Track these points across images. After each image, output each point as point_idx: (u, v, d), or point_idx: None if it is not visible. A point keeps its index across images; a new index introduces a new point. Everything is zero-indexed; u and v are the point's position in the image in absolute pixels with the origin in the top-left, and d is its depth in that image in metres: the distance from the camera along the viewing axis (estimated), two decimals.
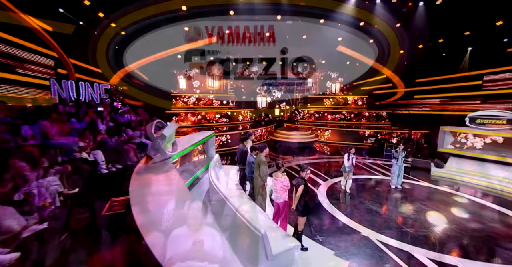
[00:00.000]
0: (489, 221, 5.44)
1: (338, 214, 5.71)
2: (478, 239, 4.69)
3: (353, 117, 17.59)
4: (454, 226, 5.21)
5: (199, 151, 7.84)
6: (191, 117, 14.72)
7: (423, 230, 5.02)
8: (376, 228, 5.07)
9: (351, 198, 6.73)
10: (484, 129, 8.84)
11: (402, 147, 7.31)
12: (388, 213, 5.82)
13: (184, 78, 17.69)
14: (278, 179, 4.30)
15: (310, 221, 5.31)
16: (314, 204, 6.21)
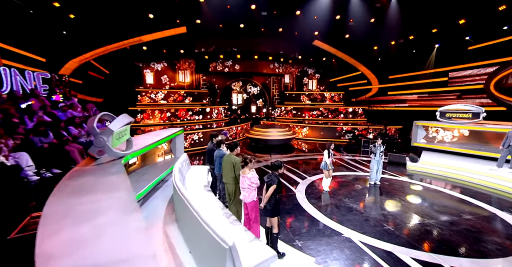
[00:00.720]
0: (464, 214, 5.53)
1: (318, 214, 5.45)
2: (457, 234, 4.68)
3: (330, 113, 17.82)
4: (432, 220, 5.20)
5: (165, 150, 7.15)
6: (158, 115, 13.76)
7: (404, 227, 4.92)
8: (358, 227, 4.88)
9: (330, 197, 6.53)
10: (452, 123, 9.26)
11: (380, 141, 7.27)
12: (368, 210, 5.69)
13: (151, 72, 16.60)
14: (244, 175, 3.88)
15: (290, 225, 4.97)
16: (292, 205, 5.91)
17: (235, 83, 20.01)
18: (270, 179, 3.67)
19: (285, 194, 6.63)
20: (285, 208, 5.71)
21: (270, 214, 3.70)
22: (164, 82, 17.01)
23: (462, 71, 13.14)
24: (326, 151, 6.71)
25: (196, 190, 4.78)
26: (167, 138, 6.11)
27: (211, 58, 17.12)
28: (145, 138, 5.65)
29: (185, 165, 5.87)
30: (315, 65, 21.81)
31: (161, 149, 6.81)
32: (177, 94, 15.87)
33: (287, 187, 7.18)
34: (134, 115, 13.20)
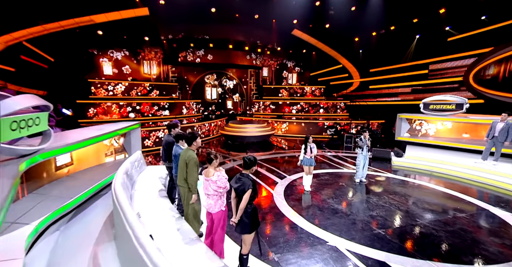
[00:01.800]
0: (456, 212, 5.27)
1: (298, 219, 4.87)
2: (453, 235, 4.34)
3: (311, 108, 17.56)
4: (425, 221, 4.85)
5: (117, 148, 6.18)
6: (116, 110, 12.49)
7: (396, 230, 4.49)
8: (345, 233, 4.36)
9: (312, 197, 6.01)
10: (436, 115, 9.22)
11: (367, 134, 6.90)
12: (355, 212, 5.22)
13: (109, 62, 15.13)
14: (209, 178, 3.15)
15: (262, 234, 4.32)
16: (269, 209, 5.28)
17: (208, 76, 19.03)
18: (242, 182, 2.87)
19: (260, 196, 5.99)
20: (261, 213, 5.06)
21: (248, 229, 2.92)
22: (126, 73, 15.62)
23: (442, 63, 13.39)
24: (303, 145, 6.22)
25: (148, 196, 3.96)
26: (115, 133, 5.18)
27: (180, 46, 16.01)
28: (82, 132, 4.70)
29: (138, 165, 5.01)
30: (295, 58, 21.51)
31: (110, 146, 5.84)
32: (141, 87, 14.61)
33: (263, 187, 6.55)
34: (85, 109, 11.81)
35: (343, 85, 20.52)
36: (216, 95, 19.59)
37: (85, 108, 11.83)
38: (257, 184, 6.76)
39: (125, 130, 5.78)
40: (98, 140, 4.47)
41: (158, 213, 3.39)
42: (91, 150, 5.22)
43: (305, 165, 6.30)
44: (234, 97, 20.17)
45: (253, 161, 3.00)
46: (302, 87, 19.38)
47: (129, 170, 4.36)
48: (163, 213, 3.39)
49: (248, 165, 2.99)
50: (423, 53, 14.32)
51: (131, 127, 6.21)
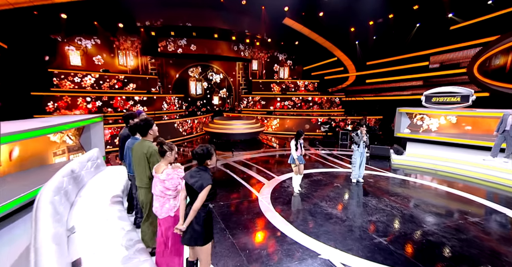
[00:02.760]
0: (468, 215, 4.82)
1: (286, 226, 4.31)
2: (468, 244, 3.87)
3: (304, 104, 17.11)
4: (434, 227, 4.38)
5: (71, 146, 5.48)
6: (83, 104, 11.67)
7: (400, 239, 3.99)
8: (340, 243, 3.83)
9: (303, 200, 5.47)
10: (439, 108, 8.86)
11: (364, 129, 6.42)
12: (352, 217, 4.71)
13: (77, 50, 14.18)
14: (156, 175, 2.58)
15: (245, 245, 3.75)
16: (252, 215, 4.71)
17: (193, 69, 18.33)
18: (199, 176, 2.32)
19: (241, 199, 5.41)
20: (242, 220, 4.49)
21: (201, 240, 2.33)
22: (98, 64, 14.72)
23: (444, 54, 13.12)
24: (293, 141, 5.71)
25: (96, 203, 3.32)
26: (64, 127, 4.49)
27: (159, 35, 15.24)
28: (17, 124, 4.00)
29: (92, 165, 4.34)
30: (287, 51, 21.06)
31: (60, 144, 5.14)
32: (115, 79, 13.80)
33: (247, 190, 5.97)
34: (42, 103, 10.89)
35: (338, 79, 20.18)
36: (202, 90, 18.90)
37: (43, 102, 10.92)
38: (241, 187, 6.19)
39: (81, 124, 5.08)
40: (37, 134, 3.77)
41: (102, 225, 2.76)
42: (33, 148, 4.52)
43: (294, 164, 5.78)
44: (221, 93, 19.53)
45: (204, 154, 2.38)
46: (294, 81, 18.92)
47: (76, 172, 3.70)
48: (109, 225, 2.77)
49: (202, 157, 2.39)
50: (424, 44, 14.04)
51: (91, 120, 5.52)
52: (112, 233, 2.63)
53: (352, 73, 19.56)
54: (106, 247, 2.43)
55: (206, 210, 2.38)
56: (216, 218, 4.54)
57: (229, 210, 4.89)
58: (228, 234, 4.03)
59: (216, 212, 4.80)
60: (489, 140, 7.50)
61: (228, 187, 6.17)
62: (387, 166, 8.34)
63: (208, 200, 2.35)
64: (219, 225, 4.30)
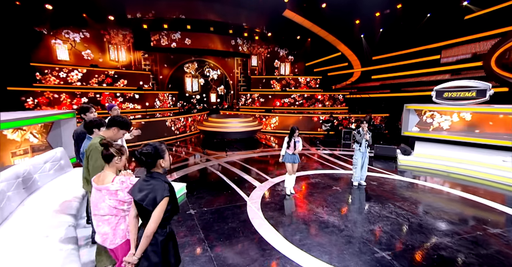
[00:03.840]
0: (488, 226, 4.32)
1: (274, 236, 3.86)
2: (489, 261, 3.38)
3: (305, 101, 16.63)
4: (446, 239, 3.89)
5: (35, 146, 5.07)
6: (67, 100, 11.31)
7: (407, 253, 3.51)
8: (335, 258, 3.37)
9: (297, 206, 5.01)
10: (452, 104, 8.32)
11: (365, 126, 5.94)
12: (351, 226, 4.24)
13: (64, 44, 13.79)
14: (103, 187, 2.09)
15: (225, 261, 3.30)
16: (237, 223, 4.26)
17: (188, 65, 17.92)
18: (148, 189, 1.78)
19: (228, 204, 4.96)
20: (225, 229, 4.05)
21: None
22: (88, 59, 14.36)
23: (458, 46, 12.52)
24: (287, 138, 5.31)
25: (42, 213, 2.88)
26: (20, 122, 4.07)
27: (151, 28, 14.85)
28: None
29: (53, 167, 3.92)
30: (288, 46, 20.60)
31: (22, 142, 4.73)
32: (104, 74, 13.43)
33: (236, 194, 5.52)
34: (21, 99, 10.49)
35: (343, 76, 19.65)
36: (198, 87, 18.49)
37: (22, 98, 10.55)
38: (230, 190, 5.74)
39: (43, 120, 4.66)
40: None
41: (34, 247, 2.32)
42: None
43: (287, 162, 5.35)
44: (219, 90, 19.11)
45: (152, 153, 1.82)
46: (296, 78, 18.43)
47: (24, 175, 3.27)
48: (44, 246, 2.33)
49: (145, 162, 1.84)
50: (435, 36, 13.47)
51: (60, 116, 5.12)
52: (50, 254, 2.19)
53: (357, 69, 19.04)
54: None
55: (165, 232, 1.86)
56: (196, 227, 4.10)
57: (212, 217, 4.45)
58: (207, 246, 3.59)
59: (197, 219, 4.36)
60: (510, 139, 6.98)
61: (216, 190, 5.73)
62: (393, 167, 7.85)
63: (167, 217, 1.84)
64: (198, 235, 3.86)
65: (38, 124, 5.11)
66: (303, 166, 7.81)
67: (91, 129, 3.04)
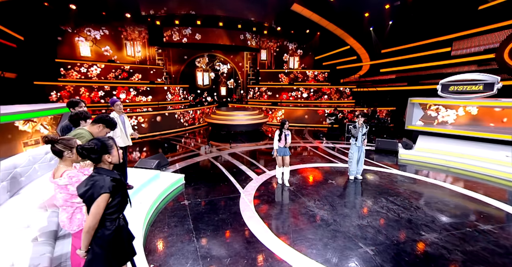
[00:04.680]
0: (479, 222, 4.05)
1: (261, 229, 3.79)
2: (474, 259, 3.16)
3: (312, 95, 16.23)
4: (433, 235, 3.68)
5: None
6: (85, 94, 11.56)
7: (391, 248, 3.35)
8: (317, 252, 3.26)
9: (289, 199, 4.90)
10: (457, 98, 7.81)
11: (361, 120, 5.68)
12: (340, 220, 4.10)
13: (87, 41, 14.06)
14: (54, 180, 2.08)
15: (208, 253, 3.27)
16: (228, 214, 4.21)
17: (199, 60, 17.84)
18: (92, 183, 1.71)
19: (222, 196, 4.92)
20: (214, 221, 4.01)
21: (101, 264, 1.72)
22: (107, 55, 14.57)
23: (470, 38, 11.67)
24: (277, 132, 5.19)
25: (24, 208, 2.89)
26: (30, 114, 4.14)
27: (164, 24, 14.79)
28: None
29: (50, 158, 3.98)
30: (297, 40, 20.01)
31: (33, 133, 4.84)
32: (120, 69, 13.60)
33: (232, 185, 5.47)
34: (46, 93, 10.85)
35: (352, 69, 18.95)
36: (209, 81, 18.43)
37: (46, 92, 10.89)
38: (226, 182, 5.69)
39: (52, 112, 4.73)
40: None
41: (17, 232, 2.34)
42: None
43: (279, 155, 5.25)
44: (229, 83, 18.97)
45: (95, 149, 1.74)
46: (304, 71, 17.97)
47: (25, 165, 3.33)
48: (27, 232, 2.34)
49: (89, 157, 1.75)
50: (446, 28, 12.60)
51: (65, 109, 5.19)
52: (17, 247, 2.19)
53: (366, 62, 18.28)
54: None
55: (113, 226, 1.76)
56: (187, 218, 4.09)
57: (204, 208, 4.43)
58: (194, 237, 3.57)
59: (189, 210, 4.35)
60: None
61: (213, 181, 5.70)
62: (394, 161, 7.53)
63: (113, 212, 1.76)
64: (187, 226, 3.85)
65: (48, 117, 5.22)
66: (302, 158, 7.66)
67: (78, 122, 3.04)
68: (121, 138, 4.30)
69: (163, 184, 4.92)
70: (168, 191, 4.97)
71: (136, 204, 4.06)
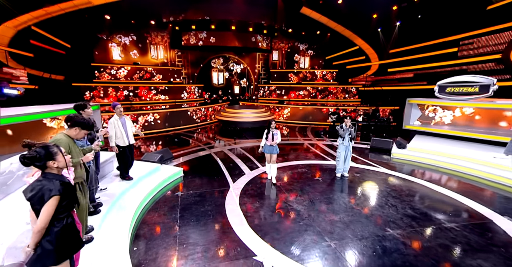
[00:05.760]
0: (445, 220, 3.90)
1: (238, 221, 3.93)
2: (426, 253, 3.10)
3: (318, 93, 15.93)
4: (397, 231, 3.62)
5: None
6: (113, 93, 12.19)
7: (353, 244, 3.35)
8: (284, 244, 3.35)
9: (273, 194, 4.99)
10: (453, 99, 7.38)
11: (348, 122, 5.59)
12: (314, 216, 4.13)
13: (118, 46, 14.74)
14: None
15: (186, 240, 3.47)
16: (213, 207, 4.39)
17: (215, 61, 18.06)
18: (39, 187, 1.74)
19: (214, 189, 5.10)
20: (200, 212, 4.20)
21: (52, 258, 1.77)
22: (134, 58, 15.20)
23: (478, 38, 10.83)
24: (266, 130, 5.24)
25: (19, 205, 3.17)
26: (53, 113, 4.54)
27: (182, 29, 15.11)
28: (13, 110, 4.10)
29: None
30: (308, 40, 19.56)
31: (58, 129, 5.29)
32: (144, 70, 14.16)
33: (225, 179, 5.64)
34: (81, 92, 11.63)
35: (361, 68, 18.28)
36: (223, 80, 18.64)
37: (82, 91, 11.65)
38: (220, 176, 5.87)
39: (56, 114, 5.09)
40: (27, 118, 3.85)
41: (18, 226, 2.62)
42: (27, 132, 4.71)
43: (267, 153, 5.32)
44: (242, 82, 19.07)
45: (37, 157, 1.75)
46: (313, 71, 17.61)
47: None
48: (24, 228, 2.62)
49: (33, 165, 1.77)
50: (454, 28, 11.76)
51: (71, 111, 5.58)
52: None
53: (375, 62, 17.54)
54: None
55: (60, 225, 1.80)
56: (176, 207, 4.32)
57: (194, 200, 4.64)
58: (177, 225, 3.78)
59: (180, 201, 4.59)
60: (507, 134, 6.07)
61: (208, 175, 5.90)
62: (385, 159, 7.31)
63: (62, 212, 1.80)
64: (174, 215, 4.08)
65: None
66: (298, 155, 7.65)
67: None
68: (121, 139, 4.55)
69: (162, 176, 5.19)
70: (167, 183, 5.24)
71: (133, 195, 4.36)
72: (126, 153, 4.65)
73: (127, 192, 4.39)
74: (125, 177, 4.79)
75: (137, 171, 5.10)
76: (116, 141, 4.48)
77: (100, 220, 3.46)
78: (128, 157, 4.73)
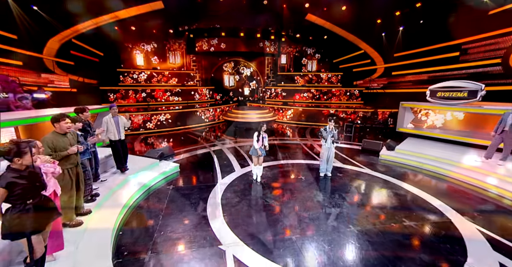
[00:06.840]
0: (406, 219, 3.82)
1: (215, 214, 4.11)
2: (380, 248, 3.09)
3: (322, 96, 15.69)
4: (356, 228, 3.61)
5: None
6: (132, 95, 12.83)
7: (313, 238, 3.41)
8: (248, 236, 3.49)
9: (254, 190, 5.12)
10: (442, 104, 7.05)
11: (332, 124, 5.57)
12: (285, 212, 4.22)
13: (141, 53, 15.46)
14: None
15: (162, 228, 3.72)
16: (196, 200, 4.61)
17: (226, 65, 18.33)
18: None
19: (203, 184, 5.32)
20: (184, 204, 4.44)
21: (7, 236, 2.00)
22: (155, 63, 15.88)
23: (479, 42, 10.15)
24: (256, 134, 5.32)
25: None
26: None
27: (196, 36, 15.52)
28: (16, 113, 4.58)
29: None
30: (316, 45, 19.24)
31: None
32: (161, 74, 14.74)
33: (215, 176, 5.85)
34: (107, 95, 12.39)
35: (367, 72, 17.71)
36: (234, 83, 18.89)
37: (107, 94, 12.41)
38: (212, 172, 6.08)
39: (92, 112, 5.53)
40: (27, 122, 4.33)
41: None
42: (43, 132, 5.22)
43: (254, 155, 5.40)
44: (251, 85, 19.19)
45: (6, 151, 1.92)
46: (318, 74, 17.34)
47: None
48: None
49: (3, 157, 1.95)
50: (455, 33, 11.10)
51: (99, 110, 6.04)
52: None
53: (380, 65, 16.92)
54: None
55: (16, 210, 1.97)
56: (164, 199, 4.59)
57: (182, 193, 4.88)
58: (160, 215, 4.04)
59: (170, 194, 4.84)
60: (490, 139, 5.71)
61: (202, 171, 6.14)
62: (373, 161, 7.15)
63: (16, 200, 1.97)
64: (161, 206, 4.34)
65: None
66: (289, 155, 7.68)
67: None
68: (112, 134, 4.96)
69: (159, 171, 5.49)
70: (163, 177, 5.54)
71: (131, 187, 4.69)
72: (117, 146, 5.02)
73: (123, 185, 4.72)
74: (121, 168, 5.16)
75: (137, 166, 5.44)
76: (108, 135, 4.91)
77: (94, 208, 3.79)
78: (119, 150, 5.07)
